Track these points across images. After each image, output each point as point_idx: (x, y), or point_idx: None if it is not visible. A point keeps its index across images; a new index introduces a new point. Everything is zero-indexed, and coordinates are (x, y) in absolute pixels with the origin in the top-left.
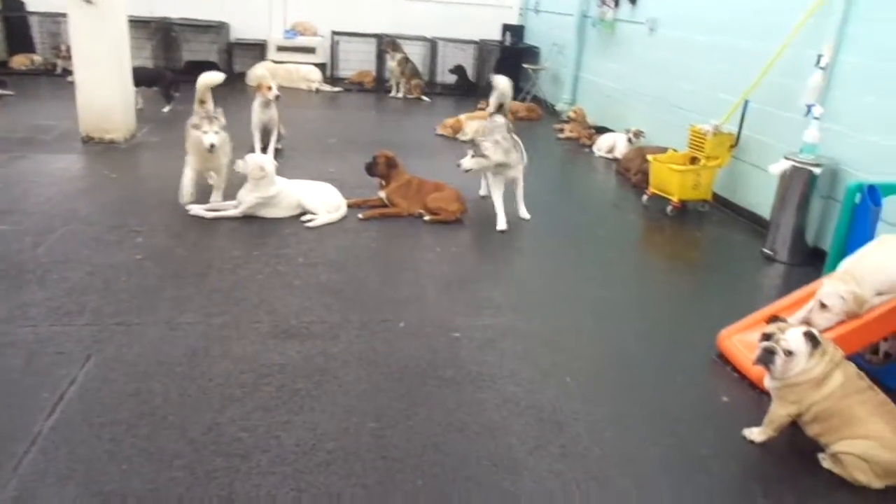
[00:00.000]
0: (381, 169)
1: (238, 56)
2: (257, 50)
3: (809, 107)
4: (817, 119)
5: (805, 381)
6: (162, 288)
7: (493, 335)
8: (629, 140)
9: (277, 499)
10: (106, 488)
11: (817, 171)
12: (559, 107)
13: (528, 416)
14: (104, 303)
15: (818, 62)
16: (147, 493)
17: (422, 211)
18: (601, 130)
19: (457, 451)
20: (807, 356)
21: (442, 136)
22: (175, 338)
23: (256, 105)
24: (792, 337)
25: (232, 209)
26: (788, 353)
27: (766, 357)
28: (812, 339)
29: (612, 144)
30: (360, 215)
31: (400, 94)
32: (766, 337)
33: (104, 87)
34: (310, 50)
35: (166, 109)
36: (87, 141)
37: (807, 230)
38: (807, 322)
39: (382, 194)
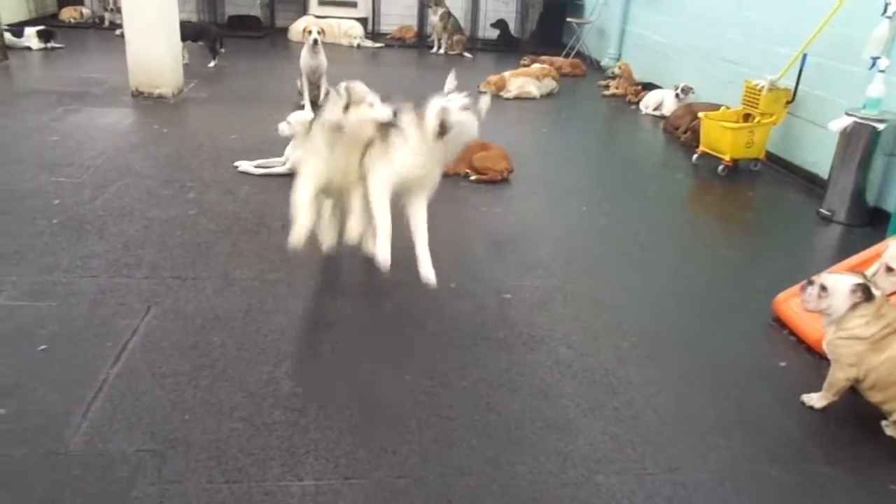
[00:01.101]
0: None
1: (280, 11)
2: (299, 4)
3: (874, 59)
4: (883, 72)
5: (856, 338)
6: (216, 243)
7: (543, 296)
8: (678, 97)
9: (335, 452)
10: (171, 436)
11: (881, 126)
12: (604, 62)
13: (581, 378)
14: (160, 256)
15: (885, 11)
16: (209, 443)
17: (467, 171)
18: (648, 87)
19: (510, 412)
20: (847, 303)
21: (485, 93)
22: (230, 293)
23: (304, 52)
24: (833, 277)
25: (279, 166)
26: (822, 288)
27: (804, 287)
28: (863, 292)
29: (660, 101)
30: None
31: (442, 51)
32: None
33: (153, 41)
34: (351, 4)
35: (212, 64)
36: (137, 95)
37: (867, 190)
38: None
39: None
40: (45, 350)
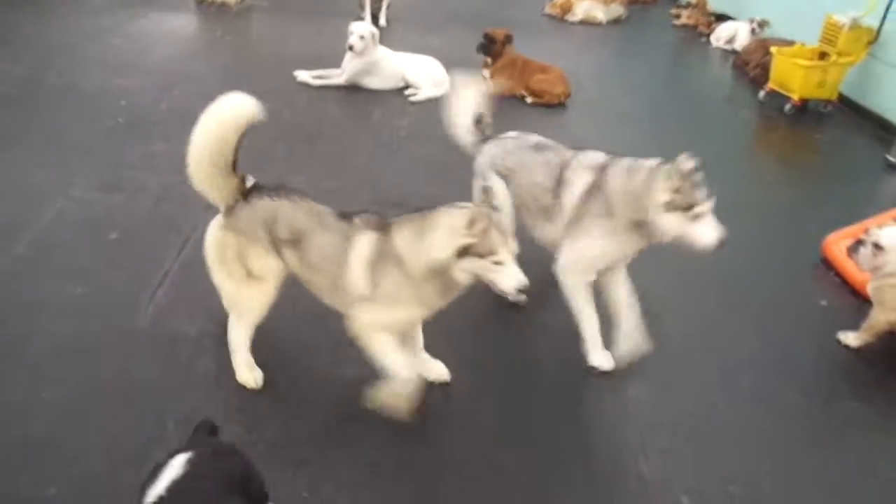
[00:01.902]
0: (499, 47)
1: None
2: None
3: None
4: None
5: None
6: (273, 149)
7: None
8: (752, 30)
9: None
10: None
11: None
12: None
13: None
14: None
15: None
16: (265, 329)
17: (524, 92)
18: (722, 18)
19: (550, 322)
20: None
21: (550, 15)
22: None
23: None
24: (887, 233)
25: (337, 77)
26: (877, 247)
27: (855, 247)
28: None
29: (733, 34)
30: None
31: None
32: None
33: None
34: None
35: None
36: (201, 2)
37: None
38: None
39: (486, 73)
40: (115, 239)
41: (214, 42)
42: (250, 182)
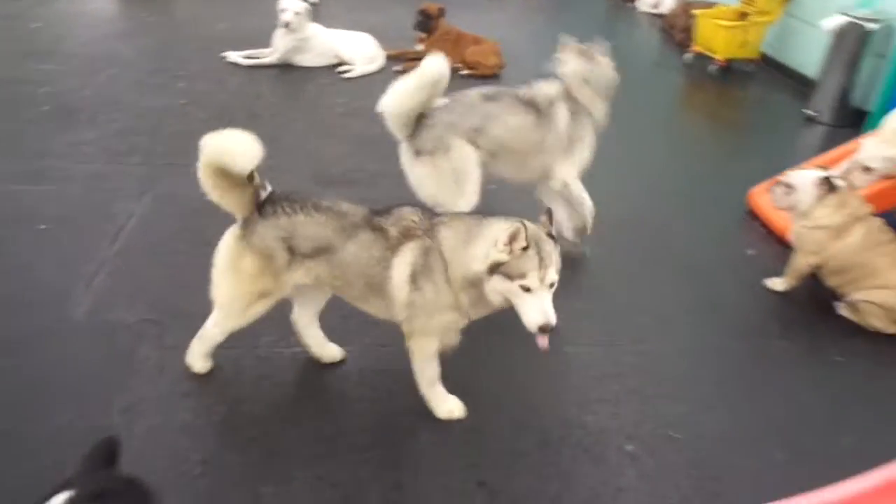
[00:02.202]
0: (435, 22)
1: None
2: None
3: None
4: None
5: (821, 227)
6: (206, 131)
7: (530, 186)
8: None
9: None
10: (170, 308)
11: (872, 27)
12: None
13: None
14: (153, 144)
15: None
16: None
17: (458, 64)
18: None
19: None
20: (813, 197)
21: None
22: None
23: None
24: (798, 174)
25: (268, 56)
26: (788, 187)
27: (773, 188)
28: (827, 185)
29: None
30: (398, 68)
31: None
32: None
33: None
34: None
35: None
36: None
37: (853, 91)
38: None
39: (421, 47)
40: (45, 230)
41: (139, 24)
42: (266, 192)
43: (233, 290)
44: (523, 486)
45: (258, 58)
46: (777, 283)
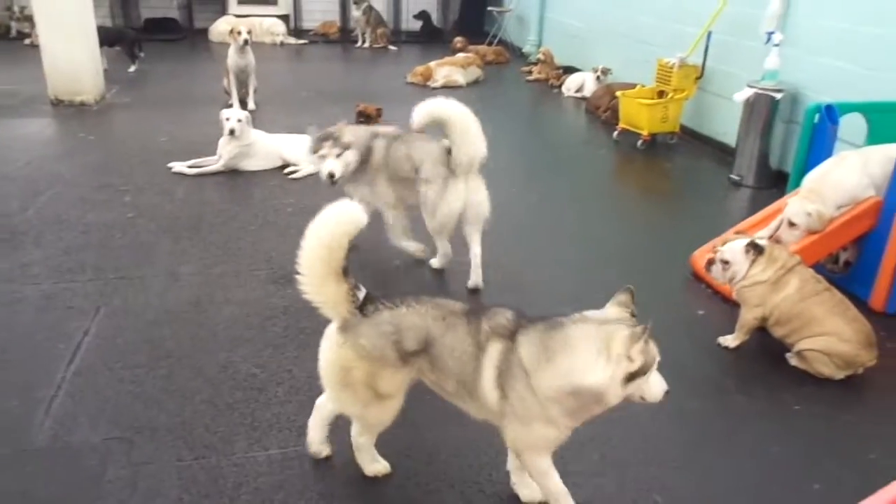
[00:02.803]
0: (375, 121)
1: (198, 12)
2: (218, 5)
3: (770, 34)
4: (777, 46)
5: (758, 283)
6: (157, 243)
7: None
8: (597, 78)
9: (297, 422)
10: (136, 423)
11: (778, 96)
12: (526, 49)
13: None
14: (103, 259)
15: None
16: (175, 425)
17: None
18: (569, 70)
19: None
20: (747, 263)
21: (413, 83)
22: (178, 287)
23: (231, 52)
24: (728, 248)
25: (213, 164)
26: (724, 262)
27: (708, 266)
28: (754, 249)
29: (581, 83)
30: None
31: (366, 45)
32: (715, 251)
33: (71, 48)
34: (272, 2)
35: (132, 69)
36: (57, 104)
37: (770, 154)
38: (776, 239)
39: None
40: None
41: (78, 143)
42: (362, 293)
43: (354, 403)
44: None
45: (203, 166)
46: (729, 340)
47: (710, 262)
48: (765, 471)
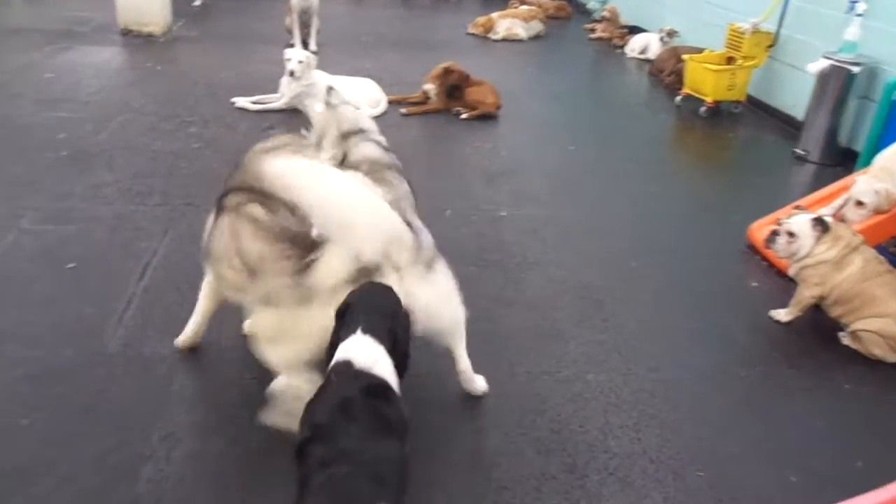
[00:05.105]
0: (465, 87)
1: None
2: None
3: (853, 3)
4: (860, 16)
5: (822, 262)
6: (222, 174)
7: (536, 224)
8: (662, 40)
9: None
10: (202, 339)
11: (856, 70)
12: (590, 5)
13: (572, 295)
14: (170, 185)
15: None
16: (237, 344)
17: (459, 108)
18: (634, 30)
19: (507, 323)
20: (813, 239)
21: (473, 34)
22: None
23: None
24: (795, 221)
25: (275, 101)
26: (790, 235)
27: (771, 238)
28: (821, 225)
29: (645, 45)
30: (403, 110)
31: None
32: (779, 223)
33: None
34: None
35: (197, 3)
36: (127, 33)
37: (840, 131)
38: (839, 217)
39: (428, 87)
40: (73, 268)
41: (147, 72)
42: None
43: None
44: None
45: (266, 103)
46: (782, 314)
47: (774, 234)
48: (808, 443)
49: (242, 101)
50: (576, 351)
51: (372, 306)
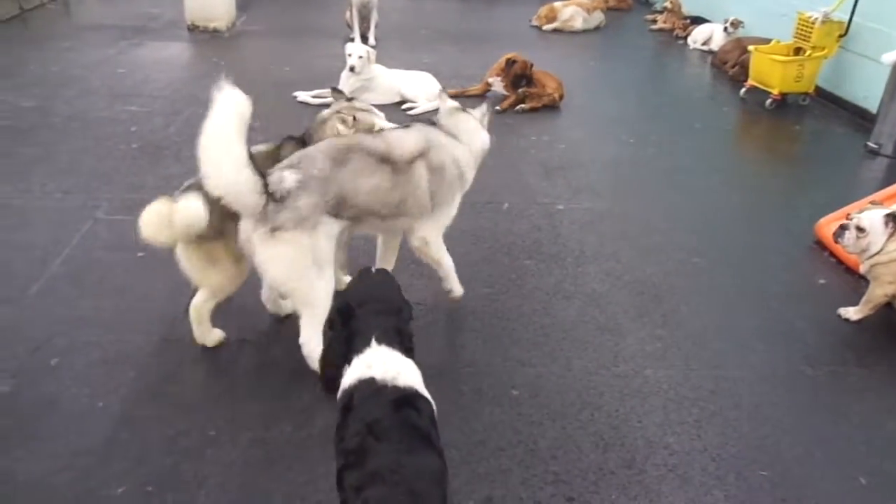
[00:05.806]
0: (529, 76)
1: None
2: None
3: None
4: None
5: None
6: None
7: (593, 217)
8: (726, 30)
9: None
10: (267, 328)
11: None
12: None
13: (630, 289)
14: None
15: None
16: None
17: (528, 92)
18: (697, 21)
19: (565, 316)
20: (885, 235)
21: (537, 27)
22: None
23: None
24: (867, 216)
25: None
26: (860, 230)
27: (839, 232)
28: (894, 221)
29: (709, 36)
30: (498, 108)
31: None
32: (849, 218)
33: None
34: None
35: None
36: (193, 29)
37: None
38: None
39: (494, 80)
40: (143, 257)
41: (212, 67)
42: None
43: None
44: None
45: (326, 97)
46: (851, 312)
47: (843, 228)
48: (877, 445)
49: (303, 95)
50: (634, 346)
51: (377, 307)
